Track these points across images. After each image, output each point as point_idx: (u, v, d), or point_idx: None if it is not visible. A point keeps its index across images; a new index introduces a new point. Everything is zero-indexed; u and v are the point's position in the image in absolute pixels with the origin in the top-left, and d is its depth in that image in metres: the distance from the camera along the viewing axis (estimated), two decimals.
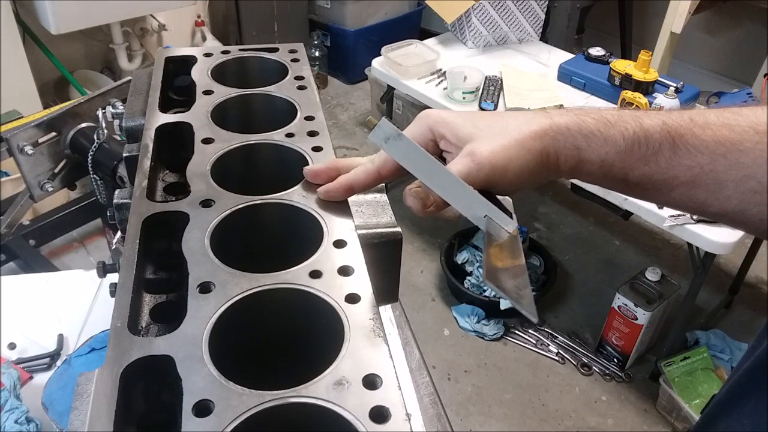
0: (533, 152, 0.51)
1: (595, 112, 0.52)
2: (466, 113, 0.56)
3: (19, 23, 2.62)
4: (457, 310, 2.41)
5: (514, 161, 0.51)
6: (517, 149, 0.51)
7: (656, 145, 0.50)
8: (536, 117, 0.52)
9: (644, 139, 0.50)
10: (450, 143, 0.54)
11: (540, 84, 2.37)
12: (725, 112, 0.50)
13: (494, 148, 0.51)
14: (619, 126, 0.51)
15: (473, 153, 0.51)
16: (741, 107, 0.51)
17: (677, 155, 0.50)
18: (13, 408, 0.92)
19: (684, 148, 0.50)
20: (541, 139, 0.51)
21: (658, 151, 0.50)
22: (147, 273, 0.56)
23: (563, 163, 0.52)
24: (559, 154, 0.52)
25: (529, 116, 0.53)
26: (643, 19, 3.40)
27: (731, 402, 0.58)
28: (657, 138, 0.50)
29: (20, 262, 2.13)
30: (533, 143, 0.51)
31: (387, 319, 0.88)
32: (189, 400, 0.40)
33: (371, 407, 0.40)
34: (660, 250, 2.72)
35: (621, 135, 0.51)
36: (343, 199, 0.57)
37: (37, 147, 1.22)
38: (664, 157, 0.50)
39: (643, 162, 0.51)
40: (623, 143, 0.51)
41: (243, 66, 0.81)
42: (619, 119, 0.51)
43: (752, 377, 0.55)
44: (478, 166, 0.51)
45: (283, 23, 3.57)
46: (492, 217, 0.51)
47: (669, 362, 2.06)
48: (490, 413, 2.08)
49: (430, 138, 0.55)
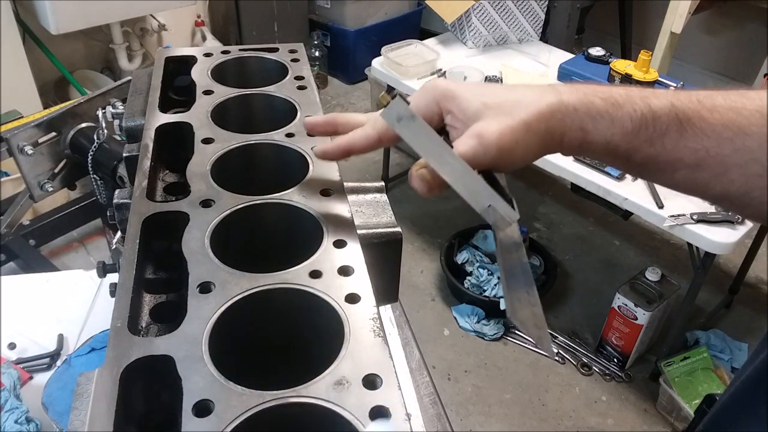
0: (539, 134, 0.50)
1: (604, 91, 0.51)
2: (475, 85, 0.54)
3: (19, 23, 2.62)
4: (457, 310, 2.41)
5: (520, 144, 0.50)
6: (524, 132, 0.50)
7: (663, 127, 0.49)
8: (545, 94, 0.51)
9: (652, 121, 0.50)
10: (457, 119, 0.53)
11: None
12: (732, 94, 0.50)
13: (502, 129, 0.50)
14: (627, 107, 0.50)
15: (481, 134, 0.50)
16: (747, 90, 0.50)
17: (684, 138, 0.49)
18: (13, 408, 0.92)
19: (691, 131, 0.49)
20: (547, 120, 0.50)
21: (665, 133, 0.49)
22: (147, 273, 0.56)
23: (567, 143, 0.51)
24: (564, 134, 0.51)
25: (539, 92, 0.52)
26: (643, 19, 3.40)
27: (738, 406, 0.57)
28: (665, 120, 0.49)
29: (20, 262, 2.13)
30: (539, 125, 0.50)
31: (387, 319, 0.88)
32: (189, 400, 0.40)
33: (371, 407, 0.40)
34: (660, 250, 2.72)
35: (629, 116, 0.50)
36: (340, 159, 0.56)
37: (37, 147, 1.22)
38: (671, 140, 0.50)
39: (648, 143, 0.50)
40: (630, 125, 0.50)
41: (243, 66, 0.81)
42: (627, 99, 0.50)
43: (759, 382, 0.54)
44: (485, 149, 0.50)
45: (283, 23, 3.57)
46: (496, 208, 0.51)
47: (669, 362, 2.06)
48: (490, 413, 2.08)
49: (435, 111, 0.54)
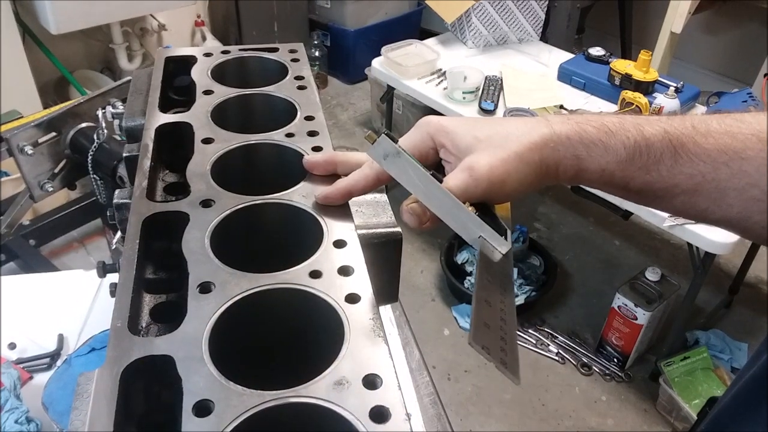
0: (532, 165, 0.51)
1: (596, 120, 0.52)
2: (467, 120, 0.55)
3: (19, 23, 2.62)
4: (457, 310, 2.41)
5: (512, 175, 0.51)
6: (516, 163, 0.51)
7: (657, 154, 0.50)
8: (537, 126, 0.52)
9: (645, 148, 0.50)
10: (450, 153, 0.54)
11: (540, 84, 2.37)
12: (727, 118, 0.50)
13: (493, 162, 0.50)
14: (620, 135, 0.50)
15: (472, 167, 0.51)
16: (743, 113, 0.50)
17: (678, 164, 0.49)
18: (13, 408, 0.92)
19: (686, 157, 0.49)
20: (540, 150, 0.51)
21: (660, 160, 0.50)
22: (147, 273, 0.56)
23: (562, 173, 0.52)
24: (559, 164, 0.51)
25: (530, 125, 0.52)
26: (643, 19, 3.40)
27: (740, 408, 0.57)
28: (658, 147, 0.50)
29: (20, 262, 2.13)
30: (532, 155, 0.51)
31: (387, 319, 0.88)
32: (189, 400, 0.40)
33: (371, 407, 0.40)
34: (660, 250, 2.72)
35: (622, 144, 0.50)
36: (342, 203, 0.57)
37: (37, 147, 1.22)
38: (666, 166, 0.50)
39: (644, 171, 0.50)
40: (624, 153, 0.50)
41: (243, 66, 0.81)
42: (620, 127, 0.51)
43: (762, 382, 0.54)
44: (476, 182, 0.51)
45: (283, 23, 3.57)
46: (486, 238, 0.51)
47: (669, 362, 2.06)
48: (490, 413, 2.08)
49: (430, 146, 0.55)
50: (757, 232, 0.50)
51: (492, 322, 0.46)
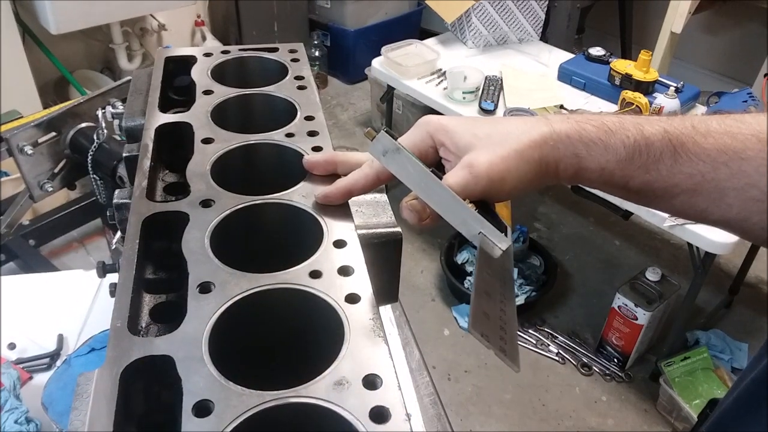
0: (531, 162, 0.51)
1: (596, 119, 0.52)
2: (467, 119, 0.55)
3: (19, 23, 2.62)
4: (457, 310, 2.41)
5: (512, 172, 0.51)
6: (515, 160, 0.51)
7: (657, 153, 0.50)
8: (536, 124, 0.52)
9: (645, 148, 0.50)
10: (449, 151, 0.54)
11: (540, 84, 2.36)
12: (727, 119, 0.50)
13: (492, 159, 0.51)
14: (620, 134, 0.50)
15: (471, 165, 0.51)
16: (744, 114, 0.50)
17: (678, 163, 0.50)
18: (13, 408, 0.92)
19: (685, 156, 0.49)
20: (540, 148, 0.51)
21: (659, 160, 0.50)
22: (147, 273, 0.56)
23: (562, 171, 0.52)
24: (559, 162, 0.51)
25: (530, 124, 0.52)
26: (643, 19, 3.40)
27: (742, 410, 0.57)
28: (658, 146, 0.50)
29: (20, 262, 2.13)
30: (532, 153, 0.51)
31: (387, 319, 0.88)
32: (189, 400, 0.40)
33: (371, 407, 0.40)
34: (660, 250, 2.72)
35: (622, 143, 0.50)
36: (342, 203, 0.57)
37: (37, 147, 1.22)
38: (665, 166, 0.50)
39: (643, 170, 0.50)
40: (624, 151, 0.50)
41: (243, 66, 0.81)
42: (620, 126, 0.51)
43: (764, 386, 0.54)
44: (475, 179, 0.51)
45: (283, 23, 3.57)
46: (486, 234, 0.51)
47: (669, 362, 2.06)
48: (490, 413, 2.08)
49: (430, 145, 0.55)
50: (756, 233, 0.50)
51: (491, 313, 0.46)
